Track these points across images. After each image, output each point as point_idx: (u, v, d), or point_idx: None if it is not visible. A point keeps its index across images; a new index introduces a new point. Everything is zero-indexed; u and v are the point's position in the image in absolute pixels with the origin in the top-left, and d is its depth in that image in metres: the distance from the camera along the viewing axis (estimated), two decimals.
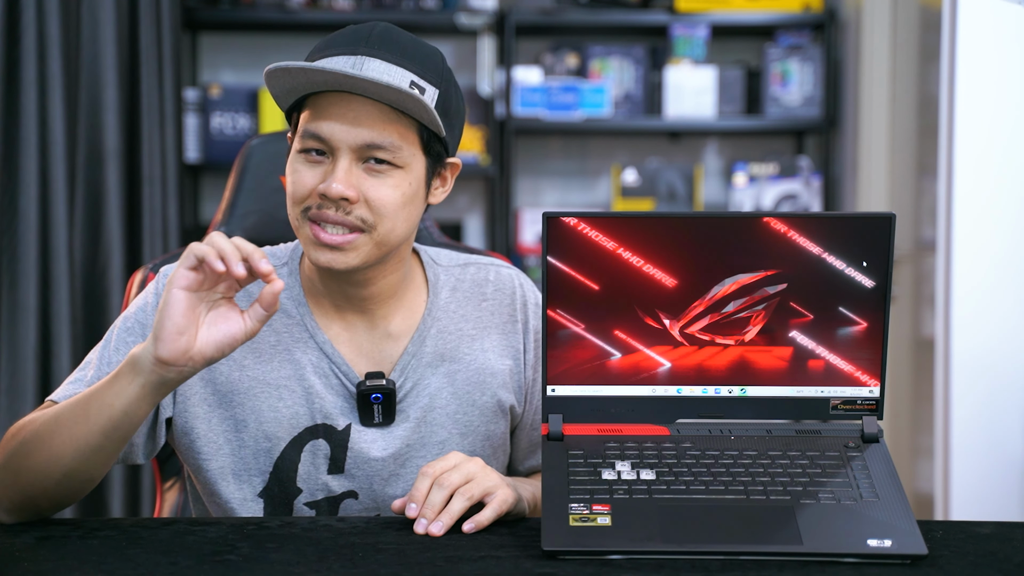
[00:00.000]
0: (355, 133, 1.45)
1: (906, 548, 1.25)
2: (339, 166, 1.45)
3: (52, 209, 3.20)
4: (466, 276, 1.64)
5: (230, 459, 1.52)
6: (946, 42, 2.74)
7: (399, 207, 1.48)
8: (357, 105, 1.45)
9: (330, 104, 1.45)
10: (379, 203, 1.46)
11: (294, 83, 1.46)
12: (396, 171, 1.47)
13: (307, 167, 1.47)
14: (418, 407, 1.56)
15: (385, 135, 1.45)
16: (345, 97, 1.45)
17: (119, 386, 1.34)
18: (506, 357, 1.62)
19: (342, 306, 1.55)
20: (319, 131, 1.45)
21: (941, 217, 2.76)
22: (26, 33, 3.15)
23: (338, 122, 1.45)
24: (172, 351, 1.31)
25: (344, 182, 1.44)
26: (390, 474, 1.55)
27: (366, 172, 1.46)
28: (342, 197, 1.44)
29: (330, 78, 1.43)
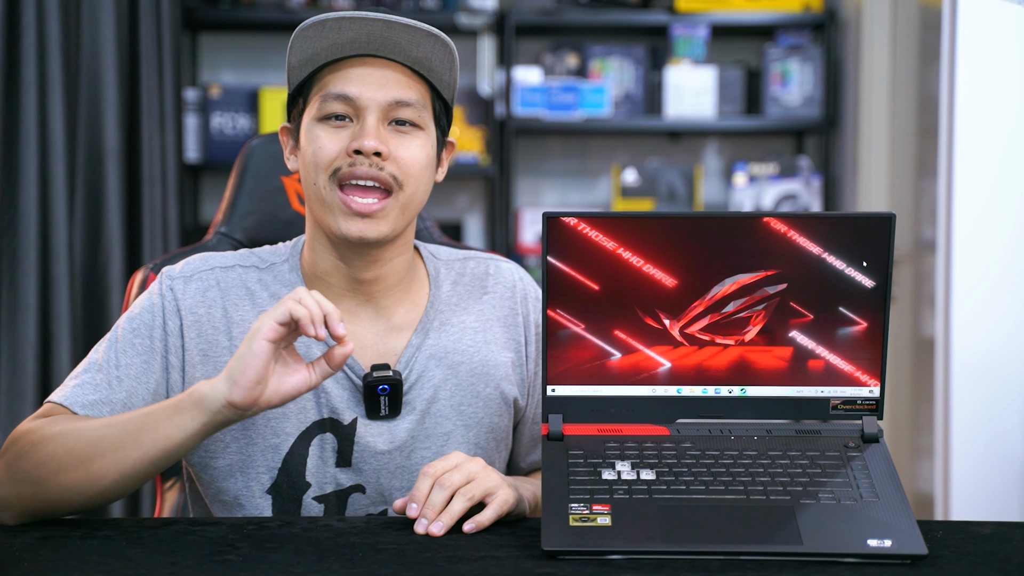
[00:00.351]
0: (384, 91, 1.50)
1: (906, 548, 1.25)
2: (368, 124, 1.49)
3: (52, 209, 3.20)
4: (466, 270, 1.65)
5: (237, 456, 1.53)
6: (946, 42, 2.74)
7: (423, 168, 1.52)
8: (381, 66, 1.50)
9: (353, 67, 1.50)
10: (407, 161, 1.50)
11: (319, 46, 1.49)
12: (419, 132, 1.52)
13: (330, 133, 1.50)
14: (423, 399, 1.56)
15: (411, 93, 1.51)
16: (367, 60, 1.50)
17: (180, 420, 1.35)
18: (508, 350, 1.62)
19: (346, 297, 1.56)
20: (346, 90, 1.49)
21: (941, 217, 2.76)
22: (26, 33, 3.15)
23: (364, 81, 1.49)
24: (247, 398, 1.33)
25: (376, 137, 1.48)
26: (396, 467, 1.55)
27: (392, 132, 1.51)
28: (376, 152, 1.47)
29: (363, 33, 1.47)
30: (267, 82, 4.34)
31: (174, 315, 1.52)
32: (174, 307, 1.52)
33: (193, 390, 1.35)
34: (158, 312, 1.52)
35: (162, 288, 1.54)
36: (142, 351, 1.50)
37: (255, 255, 1.60)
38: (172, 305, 1.53)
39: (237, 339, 1.53)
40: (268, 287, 1.56)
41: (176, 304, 1.53)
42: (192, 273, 1.55)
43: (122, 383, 1.48)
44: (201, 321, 1.53)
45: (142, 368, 1.49)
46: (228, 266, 1.57)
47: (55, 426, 1.40)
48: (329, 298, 1.56)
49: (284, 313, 1.32)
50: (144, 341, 1.51)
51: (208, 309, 1.53)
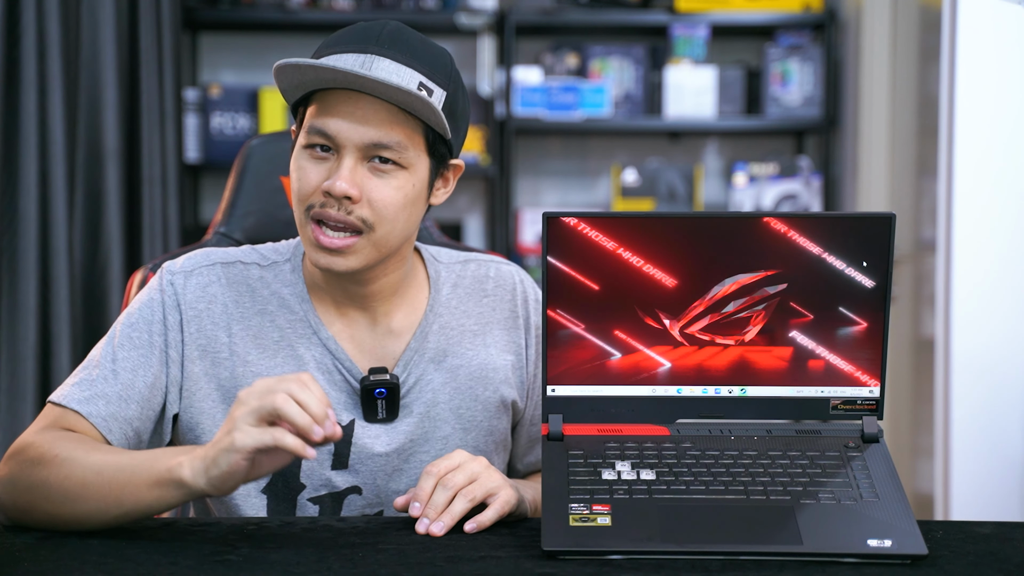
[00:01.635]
0: (361, 132, 1.45)
1: (906, 548, 1.25)
2: (344, 164, 1.45)
3: (52, 209, 3.20)
4: (467, 273, 1.64)
5: None
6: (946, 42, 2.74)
7: (400, 208, 1.48)
8: (365, 104, 1.45)
9: (338, 101, 1.46)
10: (381, 204, 1.46)
11: (303, 79, 1.46)
12: (400, 171, 1.47)
13: (312, 163, 1.48)
14: (421, 402, 1.56)
15: (391, 135, 1.46)
16: (353, 95, 1.45)
17: (160, 494, 1.32)
18: (508, 353, 1.62)
19: (344, 303, 1.56)
20: (326, 128, 1.46)
21: (941, 217, 2.76)
22: (26, 33, 3.15)
23: (345, 120, 1.45)
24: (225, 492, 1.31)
25: (348, 180, 1.44)
26: (393, 469, 1.55)
27: (370, 171, 1.47)
28: (345, 196, 1.44)
29: (339, 76, 1.43)
30: (267, 82, 4.34)
31: (174, 310, 1.52)
32: (174, 302, 1.52)
33: (175, 470, 1.30)
34: (157, 307, 1.52)
35: (162, 283, 1.54)
36: (140, 345, 1.50)
37: (257, 251, 1.60)
38: (172, 300, 1.52)
39: (236, 336, 1.53)
40: (269, 285, 1.56)
41: (176, 299, 1.53)
42: (193, 268, 1.55)
43: (118, 377, 1.48)
44: (201, 316, 1.53)
45: (139, 362, 1.49)
46: (230, 262, 1.57)
47: (57, 447, 1.39)
48: (330, 303, 1.56)
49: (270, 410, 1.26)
50: (142, 336, 1.51)
51: (208, 304, 1.53)
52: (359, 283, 1.53)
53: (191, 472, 1.30)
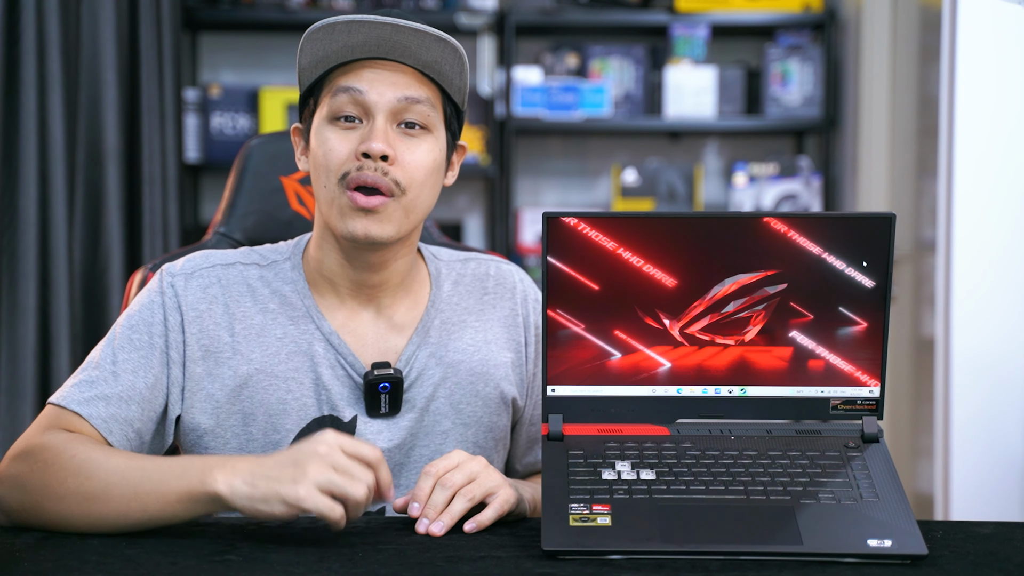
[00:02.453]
0: (392, 89, 1.49)
1: (906, 548, 1.25)
2: (376, 126, 1.49)
3: (52, 209, 3.20)
4: (467, 271, 1.66)
5: (237, 452, 1.53)
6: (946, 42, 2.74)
7: (429, 173, 1.51)
8: (391, 68, 1.50)
9: (362, 69, 1.50)
10: (412, 166, 1.49)
11: (329, 48, 1.49)
12: (427, 135, 1.51)
13: (339, 134, 1.50)
14: (422, 397, 1.57)
15: (420, 91, 1.50)
16: (377, 63, 1.50)
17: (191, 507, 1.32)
18: (508, 350, 1.62)
19: (348, 297, 1.56)
20: (356, 84, 1.49)
21: (941, 217, 2.76)
22: (26, 33, 3.15)
23: (375, 80, 1.49)
24: None
25: (384, 140, 1.48)
26: (395, 464, 1.55)
27: (400, 135, 1.50)
28: (382, 155, 1.47)
29: (373, 36, 1.47)
30: (267, 82, 4.34)
31: (174, 311, 1.52)
32: (174, 303, 1.52)
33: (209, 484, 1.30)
34: (157, 309, 1.52)
35: (162, 285, 1.54)
36: (140, 347, 1.50)
37: (256, 252, 1.60)
38: (172, 302, 1.53)
39: (239, 335, 1.53)
40: (269, 284, 1.56)
41: (177, 301, 1.53)
42: (193, 270, 1.55)
43: (118, 378, 1.47)
44: (203, 317, 1.53)
45: (139, 363, 1.49)
46: (229, 263, 1.57)
47: (72, 449, 1.38)
48: (334, 297, 1.57)
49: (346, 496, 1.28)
50: (143, 337, 1.51)
51: (209, 306, 1.54)
52: (373, 268, 1.54)
53: (229, 490, 1.30)
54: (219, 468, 1.31)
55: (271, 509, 1.28)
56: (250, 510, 1.29)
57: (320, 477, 1.28)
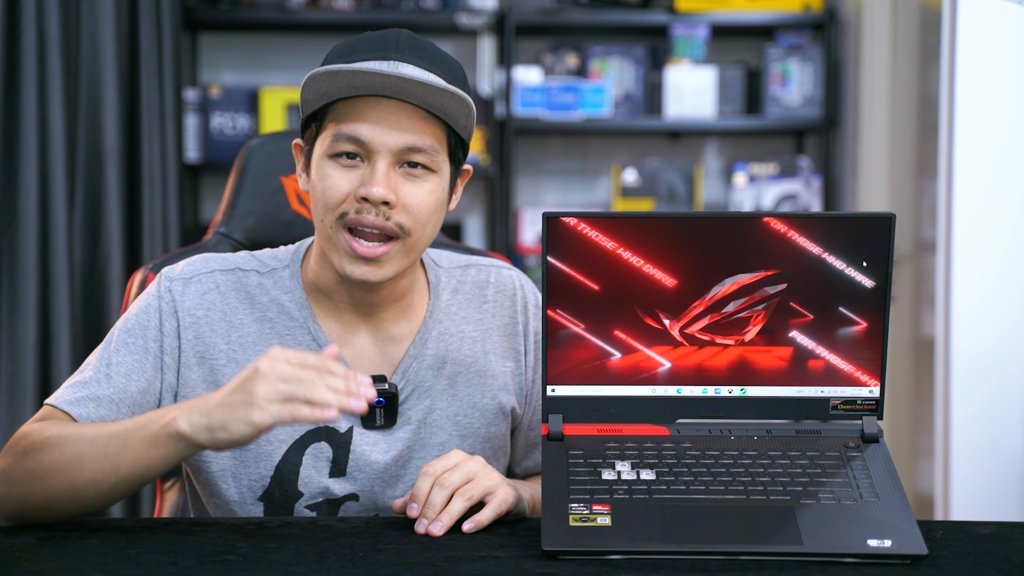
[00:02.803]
0: (396, 136, 1.45)
1: (906, 548, 1.25)
2: (378, 169, 1.45)
3: (52, 209, 3.20)
4: (467, 278, 1.64)
5: (231, 461, 1.52)
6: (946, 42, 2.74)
7: (432, 212, 1.49)
8: (395, 108, 1.45)
9: (366, 108, 1.45)
10: (415, 208, 1.46)
11: (332, 86, 1.45)
12: (430, 175, 1.48)
13: (340, 171, 1.46)
14: (419, 409, 1.56)
15: (424, 138, 1.46)
16: (381, 101, 1.45)
17: (157, 452, 1.33)
18: (507, 359, 1.62)
19: (346, 309, 1.55)
20: (358, 134, 1.45)
21: (941, 217, 2.76)
22: (26, 33, 3.15)
23: (378, 125, 1.45)
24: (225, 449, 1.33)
25: (385, 185, 1.44)
26: (391, 476, 1.55)
27: (402, 176, 1.47)
28: (384, 201, 1.44)
29: (376, 81, 1.43)
30: (267, 82, 4.34)
31: (171, 316, 1.52)
32: (171, 308, 1.52)
33: (171, 424, 1.31)
34: (154, 313, 1.52)
35: (160, 289, 1.53)
36: (134, 350, 1.50)
37: (256, 258, 1.59)
38: (170, 306, 1.52)
39: (235, 343, 1.53)
40: (268, 292, 1.55)
41: (174, 305, 1.52)
42: (192, 275, 1.55)
43: (111, 380, 1.47)
44: (199, 323, 1.52)
45: (132, 367, 1.49)
46: (228, 269, 1.56)
47: (47, 431, 1.40)
48: (331, 310, 1.55)
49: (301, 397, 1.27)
50: (137, 341, 1.50)
51: (207, 312, 1.53)
52: (372, 290, 1.53)
53: (189, 426, 1.31)
54: (178, 409, 1.32)
55: (231, 436, 1.29)
56: (214, 442, 1.30)
57: (268, 391, 1.27)
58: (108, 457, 1.35)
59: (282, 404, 1.27)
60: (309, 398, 1.27)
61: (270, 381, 1.28)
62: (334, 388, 1.28)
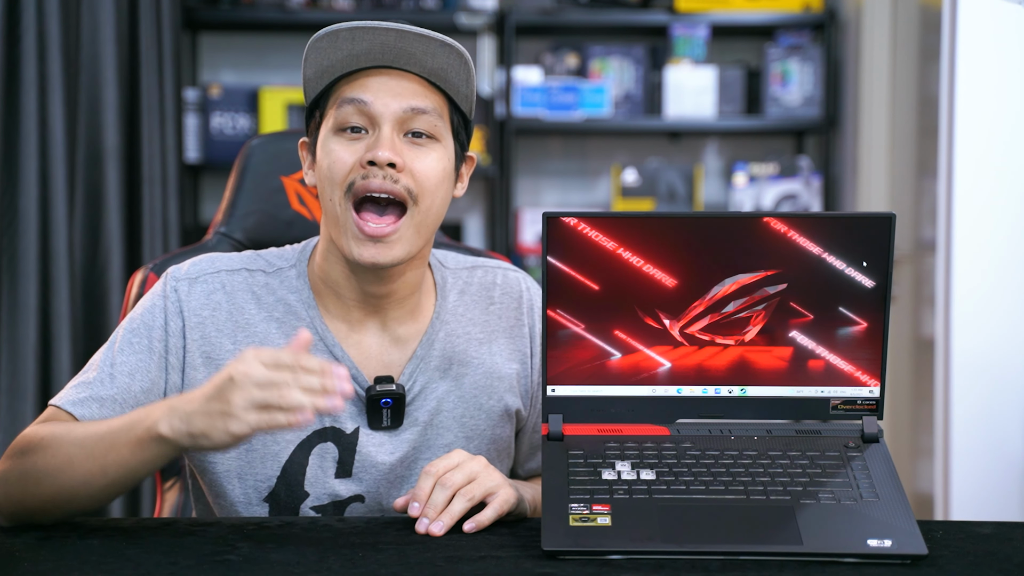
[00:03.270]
0: (399, 99, 1.47)
1: (906, 548, 1.25)
2: (383, 135, 1.46)
3: (52, 209, 3.20)
4: (473, 279, 1.64)
5: (236, 462, 1.52)
6: (946, 42, 2.74)
7: (439, 181, 1.49)
8: (397, 76, 1.48)
9: (368, 78, 1.48)
10: (422, 174, 1.47)
11: (334, 57, 1.47)
12: (435, 144, 1.49)
13: (345, 145, 1.48)
14: (425, 411, 1.56)
15: (426, 101, 1.48)
16: (383, 72, 1.48)
17: (142, 455, 1.33)
18: (513, 361, 1.61)
19: (353, 308, 1.55)
20: (362, 96, 1.47)
21: (941, 217, 2.76)
22: (26, 33, 3.15)
23: (381, 90, 1.47)
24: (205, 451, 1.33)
25: (391, 148, 1.45)
26: (396, 478, 1.55)
27: (408, 144, 1.48)
28: (389, 163, 1.45)
29: (377, 42, 1.45)
30: (267, 82, 4.34)
31: (176, 316, 1.52)
32: (176, 308, 1.52)
33: (153, 428, 1.31)
34: (159, 313, 1.52)
35: (166, 289, 1.53)
36: (139, 350, 1.50)
37: (262, 258, 1.58)
38: (175, 306, 1.52)
39: (241, 343, 1.52)
40: (274, 292, 1.55)
41: (179, 306, 1.52)
42: (198, 275, 1.54)
43: (114, 380, 1.47)
44: (205, 324, 1.52)
45: (137, 367, 1.49)
46: (234, 269, 1.56)
47: (42, 432, 1.40)
48: (339, 308, 1.54)
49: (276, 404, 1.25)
50: (142, 340, 1.50)
51: (213, 312, 1.53)
52: (383, 281, 1.52)
53: (170, 430, 1.30)
54: (160, 411, 1.32)
55: (213, 443, 1.29)
56: (197, 447, 1.30)
57: (243, 401, 1.26)
58: (95, 459, 1.35)
59: (259, 413, 1.26)
60: (283, 404, 1.26)
61: (245, 389, 1.26)
62: (309, 388, 1.26)
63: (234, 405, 1.27)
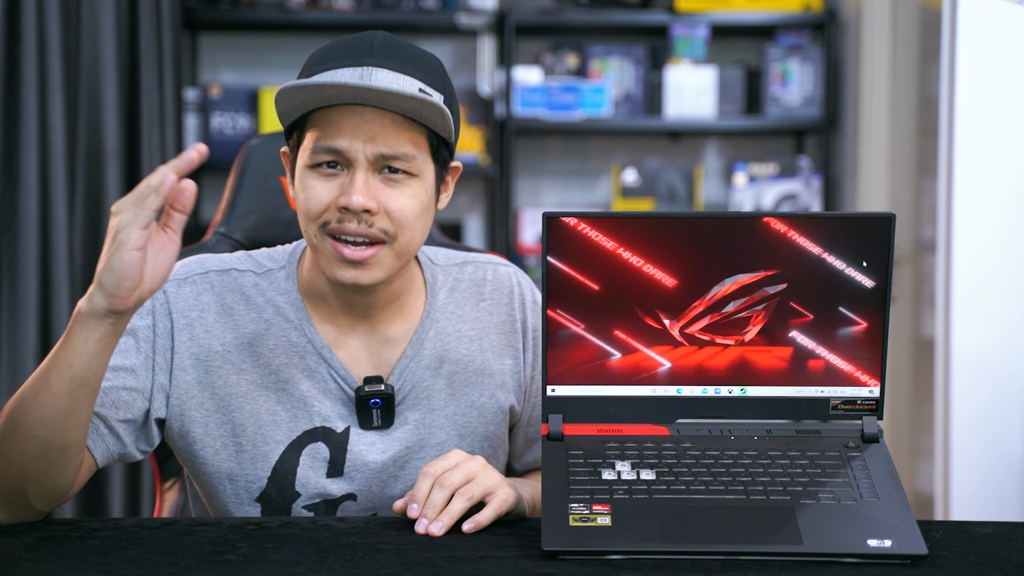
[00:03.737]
0: (371, 145, 1.43)
1: (906, 548, 1.25)
2: (357, 178, 1.43)
3: (52, 209, 3.20)
4: (464, 276, 1.63)
5: (227, 463, 1.52)
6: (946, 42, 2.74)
7: (417, 216, 1.47)
8: (370, 116, 1.44)
9: (341, 117, 1.44)
10: (399, 213, 1.45)
11: (305, 98, 1.44)
12: (412, 180, 1.46)
13: (321, 181, 1.45)
14: (417, 410, 1.56)
15: (400, 145, 1.44)
16: (356, 109, 1.44)
17: (75, 345, 1.31)
18: (505, 357, 1.61)
19: (341, 312, 1.55)
20: (336, 145, 1.43)
21: (941, 217, 2.76)
22: (26, 33, 3.15)
23: (353, 134, 1.43)
24: (128, 303, 1.29)
25: (364, 193, 1.43)
26: (389, 476, 1.55)
27: (383, 182, 1.45)
28: (364, 209, 1.43)
29: (345, 92, 1.41)
30: (267, 82, 4.34)
31: (164, 317, 1.51)
32: (165, 310, 1.51)
33: (75, 315, 1.30)
34: (147, 314, 1.51)
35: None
36: (125, 349, 1.49)
37: (252, 259, 1.58)
38: (163, 307, 1.51)
39: (230, 344, 1.52)
40: (264, 292, 1.55)
41: (168, 306, 1.52)
42: (186, 276, 1.54)
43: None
44: (194, 324, 1.52)
45: (121, 364, 1.47)
46: (224, 269, 1.55)
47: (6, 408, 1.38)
48: (326, 313, 1.54)
49: (148, 217, 1.26)
50: (129, 341, 1.50)
51: (201, 313, 1.52)
52: (365, 292, 1.52)
53: (88, 305, 1.29)
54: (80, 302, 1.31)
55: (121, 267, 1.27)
56: (113, 289, 1.28)
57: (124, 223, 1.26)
58: (39, 382, 1.33)
59: (135, 212, 1.26)
60: (149, 186, 1.25)
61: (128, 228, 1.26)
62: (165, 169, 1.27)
63: (116, 228, 1.26)
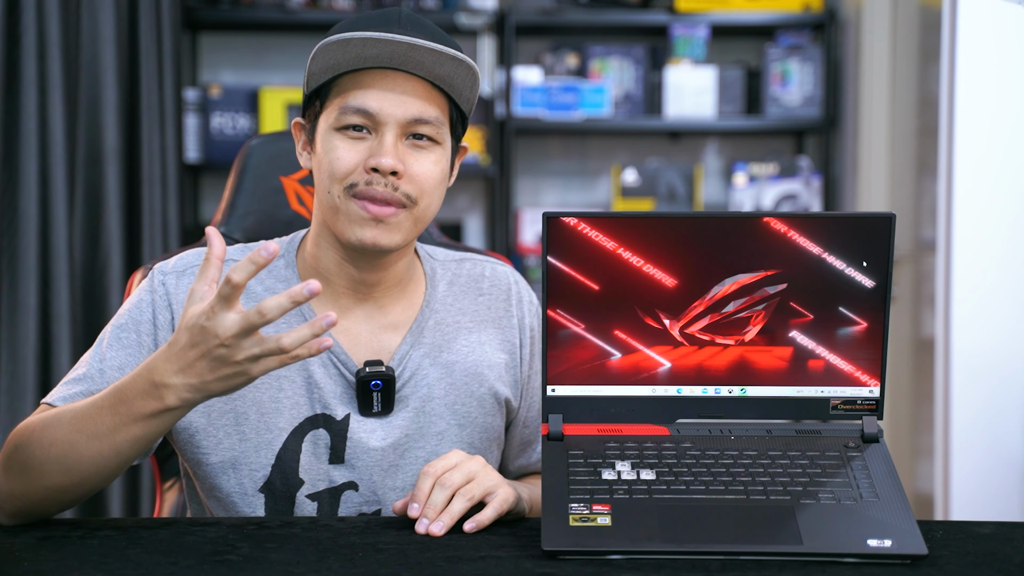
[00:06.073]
0: (404, 108, 1.48)
1: (906, 548, 1.25)
2: (386, 140, 1.48)
3: (52, 209, 3.20)
4: (462, 271, 1.66)
5: (230, 452, 1.52)
6: (946, 42, 2.74)
7: (438, 183, 1.52)
8: (402, 80, 1.48)
9: (373, 80, 1.48)
10: (422, 178, 1.49)
11: (342, 57, 1.47)
12: (435, 147, 1.51)
13: (347, 143, 1.49)
14: (417, 397, 1.56)
15: (431, 110, 1.50)
16: (388, 74, 1.48)
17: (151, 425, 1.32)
18: (502, 351, 1.62)
19: (342, 295, 1.56)
20: (366, 105, 1.48)
21: (941, 217, 2.76)
22: (26, 33, 3.15)
23: (386, 96, 1.48)
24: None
25: (394, 156, 1.47)
26: (389, 465, 1.55)
27: (409, 148, 1.50)
28: (393, 171, 1.46)
29: (387, 50, 1.45)
30: (267, 82, 4.34)
31: (165, 309, 1.52)
32: (165, 302, 1.52)
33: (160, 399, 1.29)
34: (147, 307, 1.52)
35: (153, 283, 1.54)
36: (127, 345, 1.50)
37: (250, 250, 1.59)
38: (163, 300, 1.52)
39: None
40: (263, 281, 1.56)
41: (168, 299, 1.52)
42: (185, 268, 1.55)
43: (104, 375, 1.48)
44: None
45: (126, 361, 1.49)
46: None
47: (33, 424, 1.40)
48: (328, 295, 1.56)
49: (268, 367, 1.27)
50: (130, 335, 1.51)
51: None
52: (373, 268, 1.54)
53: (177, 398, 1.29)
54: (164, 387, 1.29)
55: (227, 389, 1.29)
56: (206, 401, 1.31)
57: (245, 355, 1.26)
58: (102, 432, 1.33)
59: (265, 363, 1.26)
60: (281, 347, 1.25)
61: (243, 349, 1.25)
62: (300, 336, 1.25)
63: (243, 364, 1.26)
